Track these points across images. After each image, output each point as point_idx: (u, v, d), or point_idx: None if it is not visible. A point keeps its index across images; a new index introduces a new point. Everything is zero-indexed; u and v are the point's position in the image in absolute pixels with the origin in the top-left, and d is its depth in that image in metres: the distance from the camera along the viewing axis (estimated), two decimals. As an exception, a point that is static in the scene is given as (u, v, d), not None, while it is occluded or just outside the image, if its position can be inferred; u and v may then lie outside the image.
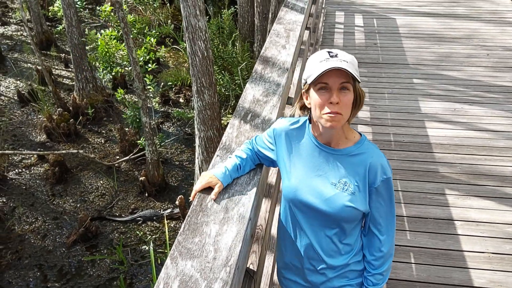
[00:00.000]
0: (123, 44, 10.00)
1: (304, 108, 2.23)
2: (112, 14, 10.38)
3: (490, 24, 9.99)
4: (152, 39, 10.29)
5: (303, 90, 2.13)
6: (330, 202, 2.09)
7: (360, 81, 2.02)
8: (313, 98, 2.04)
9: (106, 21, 10.32)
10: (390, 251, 2.24)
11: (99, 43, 9.84)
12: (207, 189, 2.24)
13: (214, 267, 1.79)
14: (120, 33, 10.28)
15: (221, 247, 1.89)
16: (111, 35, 10.09)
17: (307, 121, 2.23)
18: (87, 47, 10.77)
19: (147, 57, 10.09)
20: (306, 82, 2.06)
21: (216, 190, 2.20)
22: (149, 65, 9.90)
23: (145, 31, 10.50)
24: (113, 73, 10.30)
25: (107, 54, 9.85)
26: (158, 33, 10.88)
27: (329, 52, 2.01)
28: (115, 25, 10.33)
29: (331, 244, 2.21)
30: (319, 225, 2.18)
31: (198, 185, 2.25)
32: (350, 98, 1.99)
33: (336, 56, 1.98)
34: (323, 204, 2.10)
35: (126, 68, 10.16)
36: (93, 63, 10.36)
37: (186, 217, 2.07)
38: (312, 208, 2.14)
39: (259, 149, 2.39)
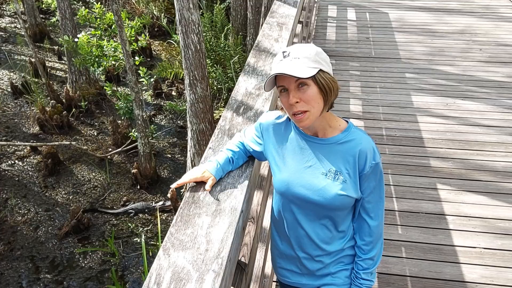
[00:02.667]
0: (105, 40, 9.97)
1: None
2: (90, 15, 10.29)
3: (483, 19, 10.03)
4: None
5: None
6: (323, 192, 2.09)
7: (324, 69, 1.97)
8: (280, 100, 2.07)
9: (84, 22, 10.20)
10: (379, 236, 2.25)
11: (76, 45, 9.80)
12: (200, 182, 2.23)
13: (206, 259, 1.79)
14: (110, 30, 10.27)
15: (213, 239, 1.89)
16: (94, 34, 10.05)
17: None
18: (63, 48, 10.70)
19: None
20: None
21: (210, 183, 2.19)
22: (136, 58, 9.85)
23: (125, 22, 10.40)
24: (101, 69, 10.24)
25: (91, 53, 9.79)
26: (139, 23, 10.80)
27: (283, 52, 1.99)
28: (96, 25, 10.23)
29: (327, 231, 2.22)
30: (313, 215, 2.19)
31: (188, 177, 2.24)
32: (311, 92, 1.96)
33: (288, 55, 1.96)
34: (315, 195, 2.10)
35: (113, 62, 10.09)
36: (80, 65, 10.30)
37: (179, 208, 2.07)
38: (305, 200, 2.14)
39: (247, 143, 2.39)
